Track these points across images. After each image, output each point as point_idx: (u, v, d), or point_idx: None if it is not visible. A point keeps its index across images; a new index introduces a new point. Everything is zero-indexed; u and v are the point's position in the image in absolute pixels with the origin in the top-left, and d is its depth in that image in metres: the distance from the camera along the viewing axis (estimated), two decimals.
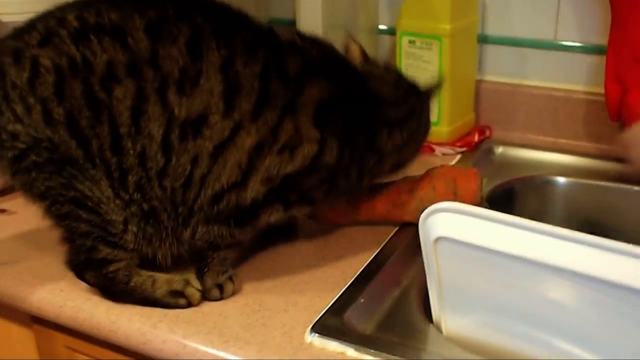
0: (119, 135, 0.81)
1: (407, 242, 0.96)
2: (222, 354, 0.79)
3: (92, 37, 0.80)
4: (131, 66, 0.80)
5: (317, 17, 1.09)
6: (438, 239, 0.73)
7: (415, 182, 0.99)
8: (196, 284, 0.88)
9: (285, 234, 1.00)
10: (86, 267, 0.88)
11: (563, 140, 1.25)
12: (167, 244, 0.87)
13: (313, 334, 0.80)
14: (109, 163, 0.82)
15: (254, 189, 0.84)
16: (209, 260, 0.88)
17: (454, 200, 0.87)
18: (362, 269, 0.91)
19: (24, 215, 1.08)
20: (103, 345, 0.91)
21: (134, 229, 0.85)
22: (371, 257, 0.93)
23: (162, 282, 0.88)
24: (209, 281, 0.88)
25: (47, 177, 0.84)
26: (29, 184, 0.85)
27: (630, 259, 0.63)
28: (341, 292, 0.87)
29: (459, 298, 0.78)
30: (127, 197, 0.83)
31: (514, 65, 1.27)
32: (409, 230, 0.99)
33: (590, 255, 0.65)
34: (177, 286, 0.87)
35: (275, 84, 0.82)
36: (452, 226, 0.72)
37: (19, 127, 0.82)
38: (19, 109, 0.81)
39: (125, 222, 0.84)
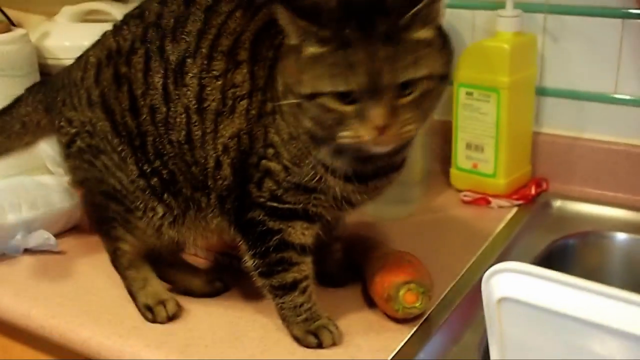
0: (135, 97, 0.91)
1: (465, 297, 0.95)
2: None
3: (124, 25, 0.94)
4: (143, 34, 0.91)
5: None
6: (501, 300, 0.72)
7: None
8: (170, 307, 0.93)
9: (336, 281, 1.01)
10: (104, 237, 0.99)
11: (622, 195, 1.22)
12: (192, 221, 0.93)
13: None
14: (130, 129, 0.91)
15: (224, 168, 0.88)
16: (278, 308, 0.89)
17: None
18: (419, 324, 0.90)
19: (77, 256, 1.12)
20: None
21: (156, 208, 0.93)
22: (429, 312, 0.92)
23: (150, 290, 0.96)
24: (296, 331, 0.88)
25: (86, 168, 0.96)
26: (73, 170, 1.00)
27: None
28: (399, 348, 0.86)
29: (523, 357, 0.76)
30: (148, 168, 0.91)
31: (572, 117, 1.26)
32: (469, 280, 0.99)
33: None
34: (151, 301, 0.94)
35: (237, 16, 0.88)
36: (516, 287, 0.71)
37: (73, 113, 0.97)
38: (75, 99, 0.97)
39: (145, 208, 0.93)
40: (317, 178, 0.83)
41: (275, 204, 0.86)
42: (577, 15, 1.21)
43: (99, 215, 0.98)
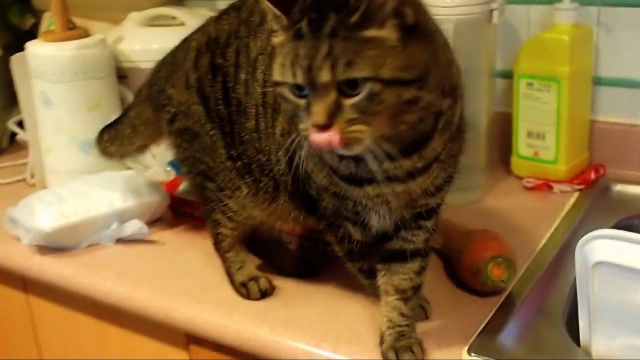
0: (227, 89, 0.97)
1: (544, 272, 1.02)
2: None
3: (224, 15, 1.00)
4: (237, 29, 0.97)
5: None
6: (596, 264, 0.78)
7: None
8: (262, 283, 1.02)
9: None
10: (208, 222, 1.06)
11: None
12: (263, 202, 0.98)
13: (471, 354, 0.85)
14: (222, 116, 0.97)
15: (282, 164, 0.92)
16: (367, 287, 0.94)
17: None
18: (504, 297, 0.96)
19: (166, 244, 1.20)
20: None
21: (241, 187, 0.98)
22: (511, 286, 0.98)
23: (245, 271, 1.04)
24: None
25: (185, 147, 1.04)
26: (175, 148, 1.07)
27: None
28: (490, 317, 0.92)
29: (612, 321, 0.82)
30: (235, 153, 0.97)
31: (627, 105, 1.32)
32: (546, 254, 1.06)
33: None
34: (245, 279, 1.02)
35: None
36: (610, 251, 0.77)
37: (172, 91, 1.04)
38: (175, 77, 1.04)
39: (233, 187, 0.99)
40: (328, 179, 0.84)
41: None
42: (630, 7, 1.27)
43: (201, 197, 1.06)
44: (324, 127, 0.70)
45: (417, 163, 0.79)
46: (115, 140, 1.19)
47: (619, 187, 1.28)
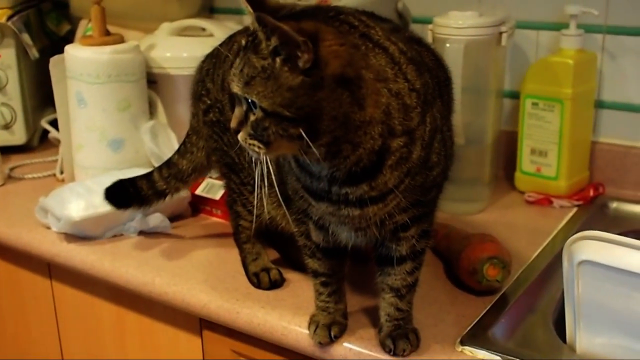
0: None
1: (537, 277, 1.08)
2: (385, 358, 0.92)
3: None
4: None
5: (456, 81, 1.22)
6: (581, 262, 0.85)
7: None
8: (273, 274, 1.09)
9: None
10: (230, 213, 1.14)
11: None
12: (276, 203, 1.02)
13: (463, 345, 0.92)
14: None
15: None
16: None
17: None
18: (498, 296, 1.03)
19: (185, 238, 1.28)
20: (269, 349, 1.05)
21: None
22: (505, 287, 1.05)
23: (259, 263, 1.12)
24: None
25: (216, 139, 1.12)
26: (207, 138, 1.16)
27: None
28: (483, 313, 0.99)
29: (595, 319, 0.89)
30: None
31: (627, 128, 1.39)
32: (541, 261, 1.13)
33: None
34: (258, 269, 1.10)
35: None
36: (595, 251, 0.84)
37: (211, 85, 1.12)
38: (215, 74, 1.11)
39: (254, 183, 0.97)
40: (297, 184, 0.89)
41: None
42: (633, 35, 1.35)
43: (226, 187, 1.14)
44: (234, 131, 0.80)
45: (370, 192, 0.81)
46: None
47: (615, 205, 1.35)
